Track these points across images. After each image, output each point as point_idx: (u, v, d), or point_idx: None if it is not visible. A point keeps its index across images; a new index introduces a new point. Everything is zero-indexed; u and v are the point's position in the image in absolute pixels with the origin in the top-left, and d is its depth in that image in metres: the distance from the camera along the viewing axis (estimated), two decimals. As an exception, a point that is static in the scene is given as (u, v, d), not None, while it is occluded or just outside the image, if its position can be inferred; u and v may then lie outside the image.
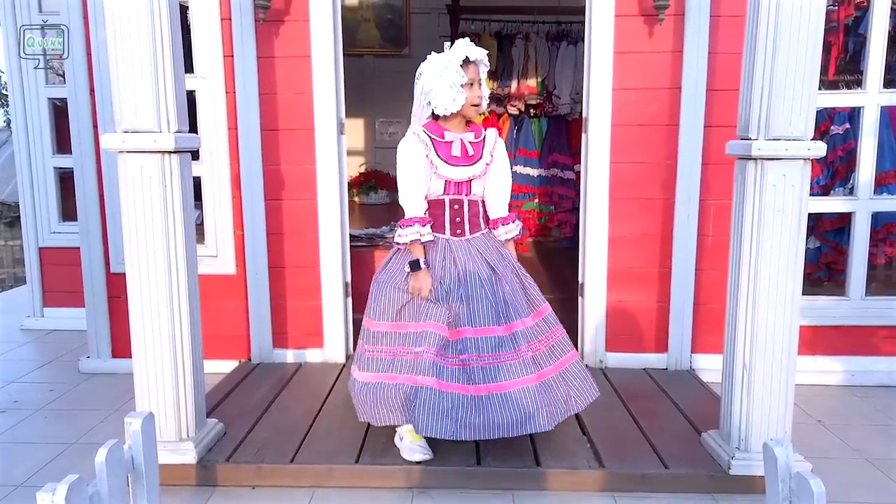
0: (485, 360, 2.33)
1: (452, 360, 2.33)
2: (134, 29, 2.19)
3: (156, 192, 2.27)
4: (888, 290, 3.89)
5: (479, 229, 2.49)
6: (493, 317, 2.37)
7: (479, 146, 2.44)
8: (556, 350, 2.45)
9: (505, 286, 2.41)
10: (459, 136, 2.41)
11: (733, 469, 2.32)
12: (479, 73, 2.37)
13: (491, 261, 2.43)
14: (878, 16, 3.19)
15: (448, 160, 2.38)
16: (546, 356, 2.42)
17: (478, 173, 2.42)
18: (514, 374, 2.32)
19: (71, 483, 1.48)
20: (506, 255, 2.50)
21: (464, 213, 2.45)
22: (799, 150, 2.16)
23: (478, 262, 2.42)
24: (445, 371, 2.31)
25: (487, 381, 2.31)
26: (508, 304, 2.39)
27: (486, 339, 2.35)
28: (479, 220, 2.49)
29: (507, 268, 2.46)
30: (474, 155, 2.42)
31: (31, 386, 3.46)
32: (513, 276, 2.46)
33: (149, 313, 2.33)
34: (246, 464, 2.43)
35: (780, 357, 2.28)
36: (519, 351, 2.35)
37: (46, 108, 4.29)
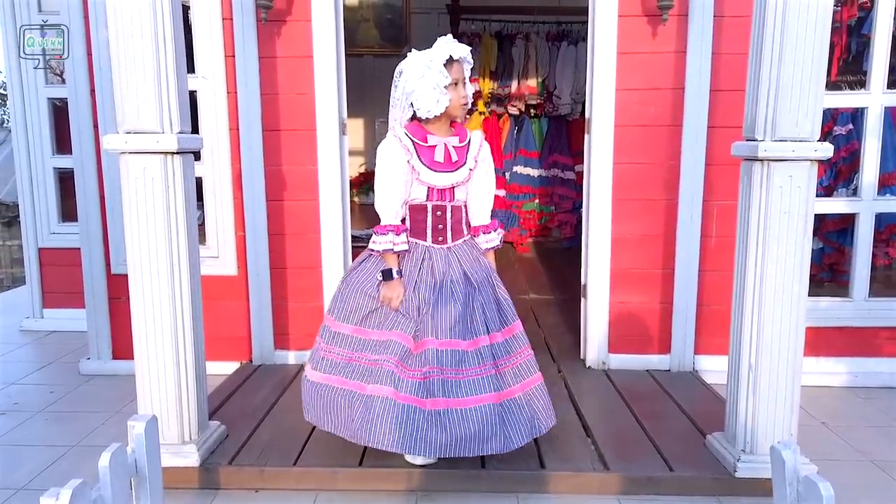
0: (446, 373, 2.23)
1: (413, 373, 2.23)
2: (136, 29, 2.18)
3: (158, 194, 2.25)
4: (891, 291, 3.90)
5: (461, 236, 2.39)
6: (461, 330, 2.26)
7: (464, 150, 2.34)
8: (522, 370, 2.35)
9: (479, 298, 2.33)
10: (444, 140, 2.31)
11: (739, 471, 2.31)
12: (462, 71, 2.27)
13: (469, 271, 2.34)
14: (882, 16, 3.18)
15: (431, 166, 2.28)
16: (512, 375, 2.33)
17: (461, 179, 2.32)
18: (474, 390, 2.23)
19: (75, 487, 1.47)
20: (484, 265, 2.40)
21: (446, 220, 2.35)
22: (805, 152, 2.15)
23: (456, 272, 2.33)
24: (403, 382, 2.21)
25: (446, 396, 2.21)
26: (478, 317, 2.30)
27: (450, 353, 2.24)
28: (462, 227, 2.40)
29: (484, 280, 2.37)
30: (458, 160, 2.32)
31: (31, 388, 3.44)
32: (489, 288, 2.37)
33: (151, 315, 2.31)
34: (249, 467, 2.41)
35: (786, 358, 2.27)
36: (483, 367, 2.26)
37: (46, 108, 4.27)
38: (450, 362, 2.23)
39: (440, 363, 2.23)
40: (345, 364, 2.35)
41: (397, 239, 2.30)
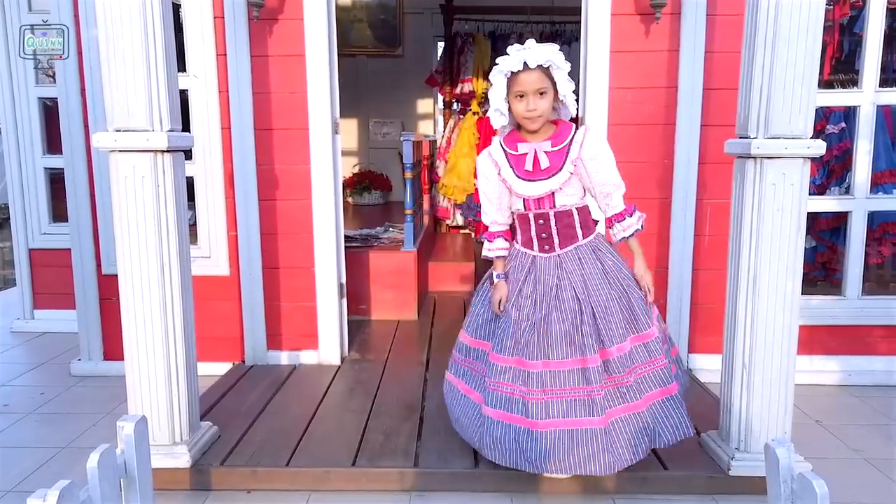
0: (548, 394, 2.13)
1: (496, 386, 2.20)
2: (126, 27, 2.16)
3: (148, 192, 2.23)
4: (884, 289, 3.91)
5: (573, 241, 2.21)
6: (567, 349, 2.13)
7: (560, 155, 2.14)
8: (647, 381, 2.17)
9: (592, 308, 2.14)
10: (535, 147, 2.16)
11: (733, 470, 2.31)
12: (534, 83, 2.07)
13: (587, 276, 2.18)
14: (874, 15, 3.19)
15: (522, 175, 2.17)
16: (636, 389, 2.15)
17: (558, 186, 2.14)
18: (579, 412, 2.11)
19: (62, 488, 1.45)
20: (610, 269, 2.20)
21: (551, 228, 2.20)
22: (798, 149, 2.15)
23: (566, 282, 2.18)
24: (488, 395, 2.22)
25: (547, 417, 2.12)
26: (591, 332, 2.13)
27: (555, 374, 2.13)
28: (575, 231, 2.21)
29: (604, 285, 2.17)
30: (551, 167, 2.15)
31: (21, 389, 3.41)
32: (613, 292, 2.17)
33: (141, 315, 2.29)
34: (241, 467, 2.40)
35: (779, 357, 2.26)
36: (592, 388, 2.11)
37: (36, 108, 4.25)
38: (551, 382, 2.13)
39: (540, 384, 2.14)
40: (466, 370, 2.39)
41: (491, 245, 2.33)
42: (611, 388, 2.13)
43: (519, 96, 2.10)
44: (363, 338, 3.92)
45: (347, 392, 3.11)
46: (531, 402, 2.13)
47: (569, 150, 2.14)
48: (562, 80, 2.10)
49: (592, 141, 2.15)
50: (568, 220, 2.20)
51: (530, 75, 2.07)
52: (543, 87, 2.08)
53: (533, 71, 2.07)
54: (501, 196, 2.25)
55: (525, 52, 2.06)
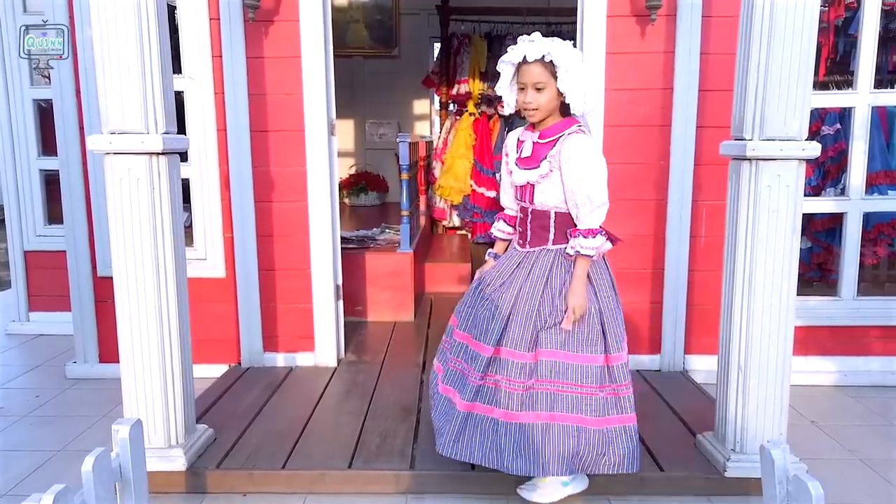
0: (461, 366, 2.20)
1: (451, 362, 2.27)
2: (121, 28, 2.16)
3: (143, 195, 2.23)
4: (880, 290, 3.92)
5: (542, 243, 2.15)
6: (479, 332, 2.15)
7: (543, 149, 2.10)
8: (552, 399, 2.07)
9: (515, 309, 2.11)
10: (529, 136, 2.16)
11: (729, 471, 2.31)
12: (532, 76, 2.04)
13: (530, 280, 2.12)
14: (869, 16, 3.19)
15: (517, 161, 2.18)
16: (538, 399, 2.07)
17: (535, 179, 2.10)
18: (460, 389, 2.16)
19: (57, 493, 1.45)
20: (555, 281, 2.10)
21: (527, 223, 2.18)
22: (793, 151, 2.16)
23: (516, 276, 2.15)
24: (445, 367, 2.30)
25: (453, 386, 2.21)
26: (513, 327, 2.09)
27: (471, 353, 2.17)
28: (547, 234, 2.14)
29: (535, 292, 2.10)
30: (532, 158, 2.12)
31: (16, 392, 3.40)
32: (536, 302, 2.09)
33: (137, 317, 2.29)
34: (237, 470, 2.39)
35: (775, 358, 2.27)
36: (478, 375, 2.11)
37: (31, 110, 4.23)
38: (465, 357, 2.20)
39: (459, 354, 2.23)
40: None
41: (497, 225, 2.37)
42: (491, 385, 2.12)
43: (520, 88, 2.11)
44: (359, 339, 3.91)
45: (344, 394, 3.11)
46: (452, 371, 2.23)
47: (552, 146, 2.09)
48: (564, 76, 2.01)
49: (574, 143, 2.04)
50: (543, 222, 2.14)
51: (530, 68, 2.04)
52: (541, 82, 2.04)
53: (533, 64, 2.03)
54: (509, 184, 2.27)
55: (526, 45, 2.04)
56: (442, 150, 6.25)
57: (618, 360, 2.11)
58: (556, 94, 2.06)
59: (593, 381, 2.07)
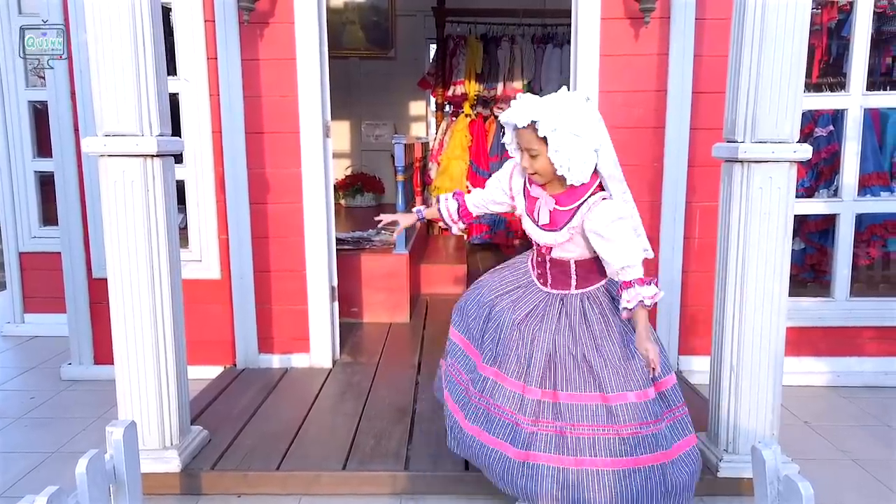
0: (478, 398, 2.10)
1: (459, 375, 2.21)
2: (115, 30, 2.16)
3: (138, 197, 2.23)
4: (873, 290, 3.93)
5: (565, 287, 2.08)
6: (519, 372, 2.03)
7: (562, 217, 1.99)
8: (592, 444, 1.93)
9: (557, 351, 2.00)
10: (543, 199, 2.03)
11: (721, 471, 2.33)
12: (524, 142, 1.92)
13: (562, 322, 2.03)
14: (861, 18, 3.21)
15: (529, 214, 2.08)
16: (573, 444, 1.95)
17: (554, 243, 2.01)
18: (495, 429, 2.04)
19: (51, 494, 1.46)
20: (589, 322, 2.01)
21: (546, 268, 2.10)
22: (785, 153, 2.17)
23: (543, 317, 2.06)
24: (448, 379, 2.25)
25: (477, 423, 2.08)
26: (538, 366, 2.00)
27: (509, 394, 2.04)
28: (569, 280, 2.07)
29: (573, 333, 2.01)
30: (551, 224, 2.02)
31: (11, 394, 3.40)
32: (578, 343, 2.00)
33: (131, 319, 2.29)
34: (231, 471, 2.40)
35: (767, 359, 2.28)
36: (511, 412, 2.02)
37: (26, 111, 4.23)
38: (490, 392, 2.08)
39: (481, 389, 2.10)
40: None
41: (449, 200, 2.29)
42: (549, 432, 1.97)
43: (519, 149, 1.98)
44: (355, 341, 3.92)
45: (339, 395, 3.11)
46: (469, 402, 2.13)
47: (573, 215, 1.96)
48: (554, 144, 1.84)
49: (598, 216, 1.91)
50: (563, 269, 2.07)
51: (522, 133, 1.91)
52: (533, 149, 1.90)
53: (524, 129, 1.89)
54: (493, 201, 2.21)
55: (512, 108, 1.91)
56: (438, 152, 6.26)
57: (669, 383, 2.03)
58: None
59: (658, 415, 1.96)
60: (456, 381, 2.23)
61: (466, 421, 2.11)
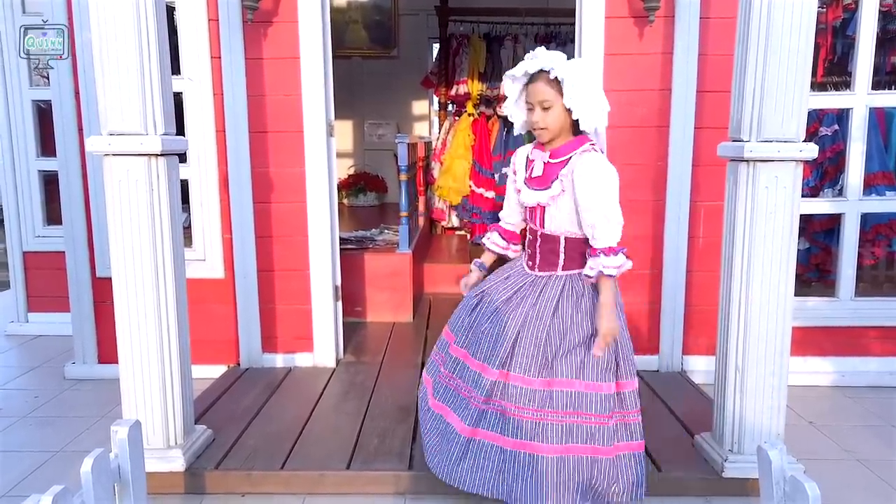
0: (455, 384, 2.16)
1: (443, 373, 2.23)
2: (120, 30, 2.16)
3: (142, 196, 2.23)
4: (878, 290, 3.92)
5: (552, 269, 2.07)
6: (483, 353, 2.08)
7: (555, 168, 2.01)
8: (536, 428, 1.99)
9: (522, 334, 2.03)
10: (540, 156, 2.07)
11: (727, 472, 2.32)
12: (537, 94, 1.96)
13: (538, 305, 2.05)
14: (867, 17, 3.20)
15: (527, 181, 2.10)
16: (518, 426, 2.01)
17: (546, 200, 2.02)
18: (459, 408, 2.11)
19: (56, 493, 1.45)
20: (578, 309, 2.03)
21: (535, 247, 2.11)
22: (791, 152, 2.16)
23: (523, 300, 2.08)
24: (435, 372, 2.28)
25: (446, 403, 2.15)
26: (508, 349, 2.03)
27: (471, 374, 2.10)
28: (557, 260, 2.06)
29: (543, 318, 2.03)
30: (543, 178, 2.03)
31: (15, 392, 3.40)
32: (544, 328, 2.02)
33: (135, 318, 2.29)
34: (235, 471, 2.39)
35: (772, 359, 2.27)
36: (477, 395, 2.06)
37: (30, 110, 4.24)
38: (458, 373, 2.15)
39: (452, 370, 2.18)
40: None
41: (489, 235, 2.32)
42: (496, 410, 2.03)
43: (528, 108, 2.03)
44: (358, 340, 3.92)
45: (342, 394, 3.11)
46: (440, 382, 2.20)
47: (564, 165, 2.00)
48: (570, 90, 1.91)
49: (587, 162, 1.96)
50: (552, 246, 2.07)
51: (535, 86, 1.97)
52: (546, 100, 1.95)
53: (538, 82, 1.96)
54: (517, 203, 2.20)
55: (528, 60, 1.96)
56: (441, 151, 6.25)
57: (629, 386, 2.06)
58: (563, 111, 1.97)
59: (606, 410, 1.99)
60: (436, 362, 2.30)
61: (433, 398, 2.21)
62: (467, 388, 2.11)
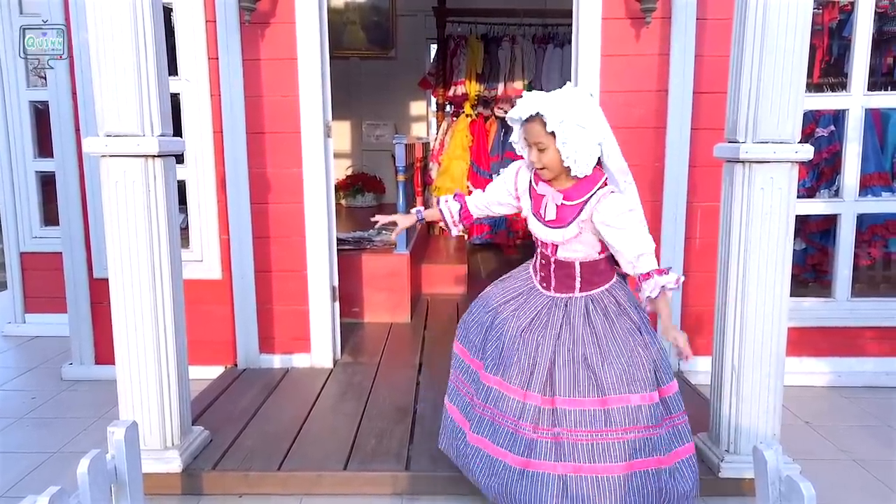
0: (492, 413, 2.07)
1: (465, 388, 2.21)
2: (116, 30, 2.16)
3: (139, 197, 2.23)
4: (874, 291, 3.93)
5: (569, 291, 2.07)
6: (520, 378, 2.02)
7: (570, 212, 1.99)
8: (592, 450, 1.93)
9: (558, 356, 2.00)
10: (550, 195, 2.03)
11: (723, 472, 2.32)
12: (531, 136, 1.94)
13: (565, 326, 2.03)
14: (862, 19, 3.21)
15: (535, 213, 2.08)
16: (581, 450, 1.94)
17: (561, 240, 2.01)
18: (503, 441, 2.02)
19: (53, 494, 1.45)
20: (594, 324, 2.02)
21: (549, 271, 2.09)
22: (786, 153, 2.17)
23: (546, 322, 2.06)
24: (454, 393, 2.25)
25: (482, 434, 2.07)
26: (540, 373, 2.00)
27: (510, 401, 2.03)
28: (574, 283, 2.06)
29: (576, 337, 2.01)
30: (558, 220, 2.01)
31: (12, 394, 3.40)
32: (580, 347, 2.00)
33: (132, 319, 2.29)
34: (233, 471, 2.40)
35: (768, 359, 2.28)
36: (522, 423, 2.00)
37: (27, 111, 4.23)
38: (493, 401, 2.07)
39: (485, 399, 2.09)
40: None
41: (450, 202, 2.28)
42: (547, 439, 1.97)
43: (526, 146, 2.00)
44: (356, 341, 3.92)
45: (340, 395, 3.11)
46: (473, 413, 2.12)
47: (581, 209, 1.97)
48: (561, 136, 1.87)
49: (608, 208, 1.93)
50: (568, 271, 2.06)
51: (530, 127, 1.94)
52: (540, 142, 1.92)
53: (533, 122, 1.92)
54: (497, 202, 2.21)
55: (517, 107, 1.94)
56: (438, 152, 6.26)
57: (671, 390, 2.04)
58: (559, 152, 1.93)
59: (658, 419, 1.97)
60: (461, 392, 2.23)
61: (472, 432, 2.10)
62: (509, 417, 2.03)
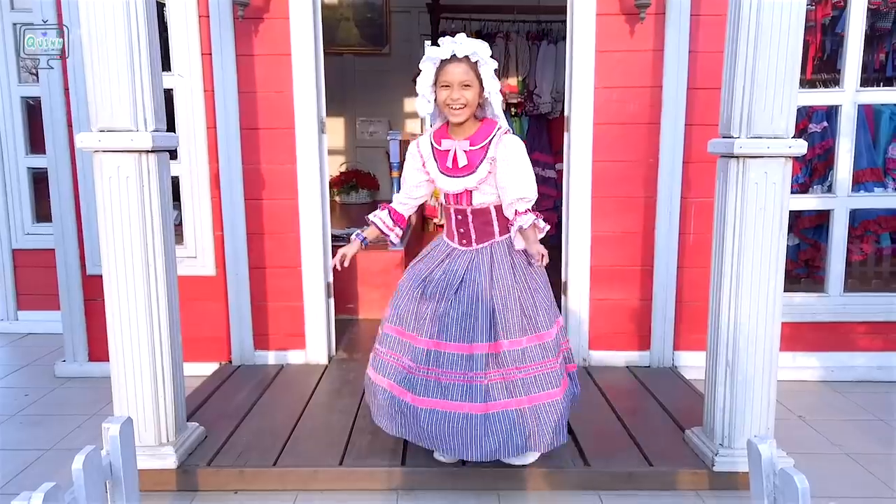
0: (430, 372, 2.21)
1: (401, 361, 2.29)
2: (109, 26, 2.15)
3: (133, 193, 2.22)
4: (866, 286, 3.95)
5: (489, 238, 2.28)
6: (454, 333, 2.20)
7: (478, 154, 2.20)
8: (536, 382, 2.21)
9: (494, 304, 2.21)
10: (456, 145, 2.22)
11: (717, 466, 2.33)
12: (460, 74, 2.12)
13: (498, 275, 2.23)
14: (855, 15, 3.22)
15: (443, 170, 2.26)
16: (521, 385, 2.20)
17: (473, 184, 2.20)
18: (456, 395, 2.18)
19: (47, 491, 1.44)
20: (519, 267, 2.25)
21: (468, 224, 2.28)
22: (780, 148, 2.18)
23: (472, 276, 2.24)
24: (391, 369, 2.31)
25: (429, 395, 2.20)
26: (482, 323, 2.18)
27: (434, 353, 2.21)
28: (493, 228, 2.27)
29: (509, 285, 2.22)
30: (468, 165, 2.20)
31: (5, 391, 3.38)
32: (515, 293, 2.22)
33: (126, 316, 2.28)
34: (228, 468, 2.39)
35: (762, 354, 2.29)
36: (473, 374, 2.18)
37: (19, 108, 4.21)
38: (434, 362, 2.22)
39: (426, 362, 2.23)
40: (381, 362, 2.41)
41: (379, 213, 2.44)
42: (497, 380, 2.20)
43: (444, 86, 2.16)
44: (351, 337, 3.92)
45: (335, 392, 3.11)
46: (415, 378, 2.23)
47: (487, 149, 2.20)
48: (488, 76, 2.16)
49: (508, 144, 2.19)
50: (485, 218, 2.27)
51: (457, 66, 2.13)
52: (468, 80, 2.13)
53: (460, 63, 2.13)
54: (414, 186, 2.36)
55: (454, 44, 2.12)
56: (433, 148, 6.24)
57: (549, 336, 2.26)
58: (479, 92, 2.17)
59: (551, 355, 2.25)
60: (395, 364, 2.31)
61: (419, 396, 2.22)
62: (458, 373, 2.19)
